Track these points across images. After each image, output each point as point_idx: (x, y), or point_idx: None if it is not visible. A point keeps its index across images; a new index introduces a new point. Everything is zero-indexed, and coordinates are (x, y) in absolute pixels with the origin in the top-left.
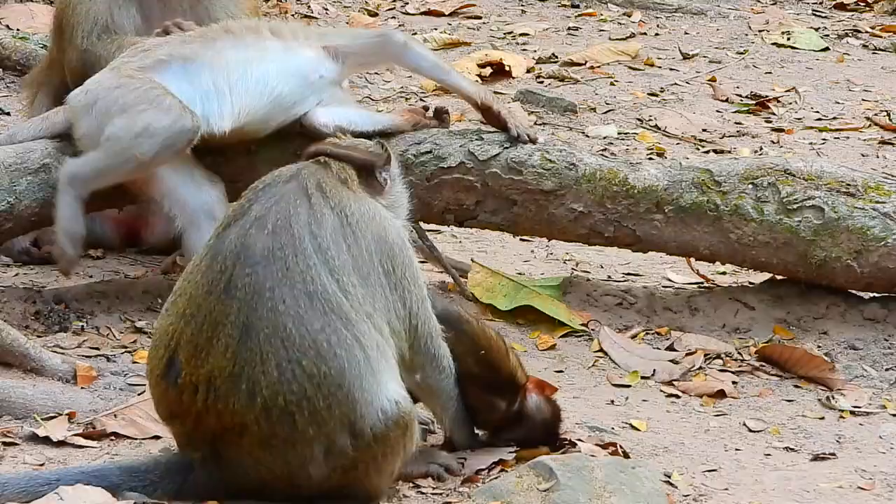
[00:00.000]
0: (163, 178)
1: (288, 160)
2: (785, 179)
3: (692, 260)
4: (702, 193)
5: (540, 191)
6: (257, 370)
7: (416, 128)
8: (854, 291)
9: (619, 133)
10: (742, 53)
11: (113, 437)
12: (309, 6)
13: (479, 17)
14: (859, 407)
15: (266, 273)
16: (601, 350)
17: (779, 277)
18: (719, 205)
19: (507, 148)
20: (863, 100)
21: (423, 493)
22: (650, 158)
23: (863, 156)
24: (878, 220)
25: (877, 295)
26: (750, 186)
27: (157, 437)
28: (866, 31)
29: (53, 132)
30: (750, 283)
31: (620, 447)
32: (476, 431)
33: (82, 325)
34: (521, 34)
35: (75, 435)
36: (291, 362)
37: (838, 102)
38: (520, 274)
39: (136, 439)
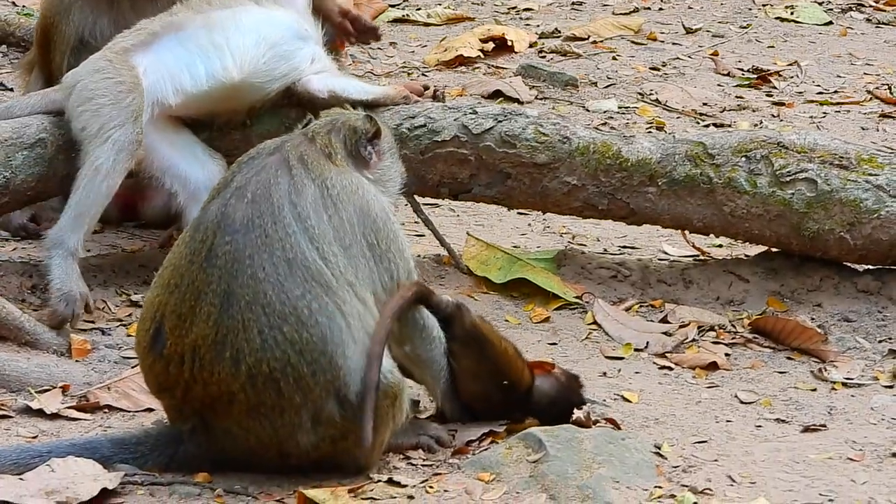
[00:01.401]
0: (164, 154)
1: (282, 134)
2: (778, 152)
3: (687, 233)
4: (695, 166)
5: (533, 164)
6: (240, 338)
7: (407, 101)
8: (848, 264)
9: (619, 107)
10: (745, 27)
11: (106, 410)
12: None
13: None
14: (851, 379)
15: (245, 241)
16: (595, 322)
17: (773, 250)
18: (712, 177)
19: (500, 122)
20: (864, 73)
21: (413, 465)
22: (650, 132)
23: (863, 129)
24: (871, 192)
25: (871, 267)
26: (743, 159)
27: (150, 410)
28: (870, 5)
29: (50, 108)
30: (745, 255)
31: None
32: None
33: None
34: (525, 9)
35: (69, 408)
36: (273, 329)
37: (840, 76)
38: (515, 247)
39: (129, 412)
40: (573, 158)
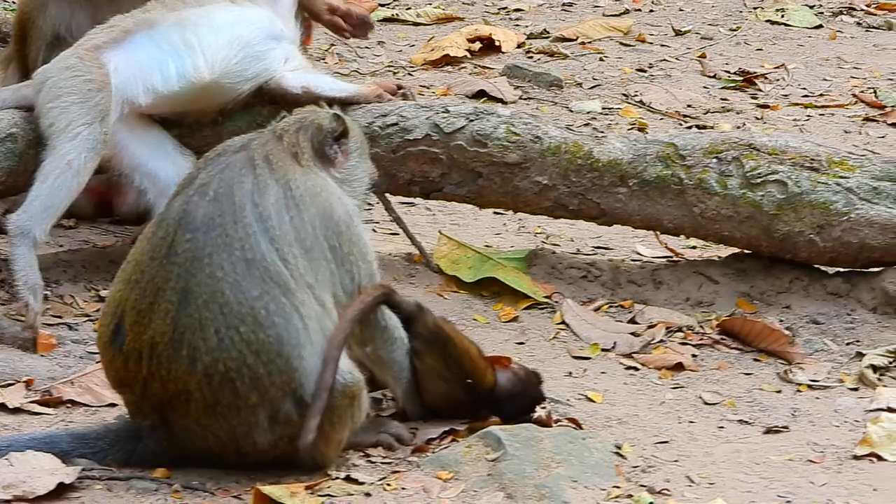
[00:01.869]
0: (133, 151)
1: (253, 130)
2: (749, 154)
3: (659, 234)
4: (666, 167)
5: (504, 163)
6: (197, 336)
7: (381, 99)
8: (818, 266)
9: (603, 108)
10: (735, 30)
11: (69, 405)
12: None
13: None
14: (817, 381)
15: (205, 239)
16: (563, 322)
17: (744, 251)
18: (683, 178)
19: (472, 121)
20: (851, 77)
21: (372, 462)
22: (630, 133)
23: (846, 132)
24: (841, 194)
25: (840, 269)
26: (714, 160)
27: (112, 405)
28: (861, 9)
29: (21, 104)
30: (718, 257)
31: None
32: None
33: (47, 294)
34: (515, 9)
35: (31, 402)
36: (230, 329)
37: (826, 79)
38: (488, 246)
39: (91, 406)
40: (544, 158)
